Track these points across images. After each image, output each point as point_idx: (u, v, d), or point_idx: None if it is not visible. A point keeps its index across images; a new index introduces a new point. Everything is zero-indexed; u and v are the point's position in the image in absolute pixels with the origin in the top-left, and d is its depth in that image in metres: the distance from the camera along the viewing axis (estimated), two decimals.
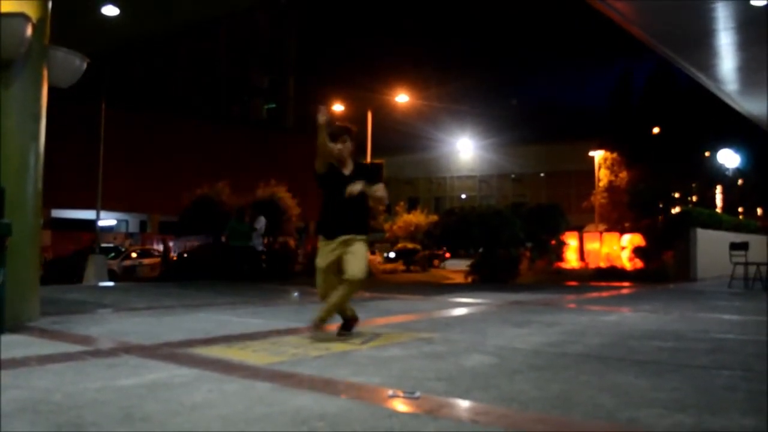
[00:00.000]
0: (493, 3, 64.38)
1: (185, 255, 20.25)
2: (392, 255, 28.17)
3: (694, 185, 34.32)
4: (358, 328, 5.30)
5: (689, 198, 30.82)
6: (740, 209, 38.22)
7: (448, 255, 26.71)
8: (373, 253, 24.97)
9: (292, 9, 52.16)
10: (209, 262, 16.30)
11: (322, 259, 5.01)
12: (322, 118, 5.01)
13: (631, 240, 18.73)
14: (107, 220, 35.10)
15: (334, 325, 5.17)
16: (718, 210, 31.08)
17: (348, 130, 5.22)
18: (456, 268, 23.70)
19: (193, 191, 17.37)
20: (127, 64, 38.33)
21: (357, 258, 4.90)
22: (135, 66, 42.10)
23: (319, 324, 5.01)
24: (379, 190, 5.09)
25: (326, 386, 3.39)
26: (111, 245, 26.87)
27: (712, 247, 15.88)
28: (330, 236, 5.02)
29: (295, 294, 10.63)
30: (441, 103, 50.92)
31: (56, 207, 30.47)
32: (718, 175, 37.52)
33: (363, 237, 5.03)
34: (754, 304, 9.02)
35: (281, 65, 52.99)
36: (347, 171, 5.14)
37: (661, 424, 2.64)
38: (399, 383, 3.35)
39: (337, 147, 5.12)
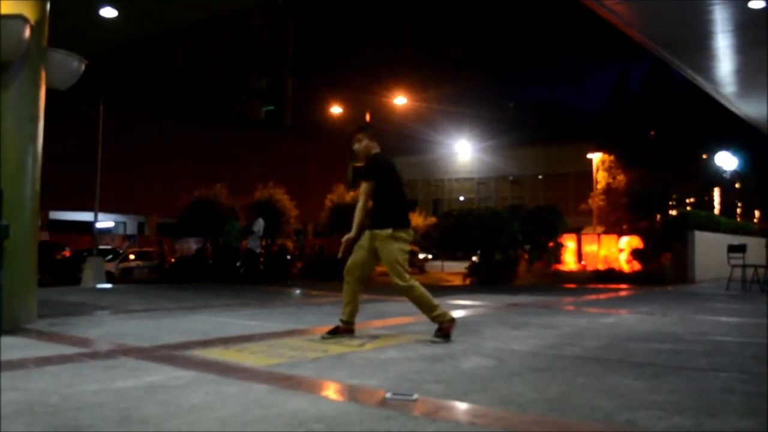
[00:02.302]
0: (490, 6, 64.46)
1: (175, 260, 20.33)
2: None
3: (692, 188, 34.34)
4: (357, 330, 5.29)
5: (687, 200, 30.85)
6: (738, 211, 38.26)
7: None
8: None
9: (290, 10, 52.18)
10: (206, 265, 16.33)
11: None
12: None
13: (629, 242, 18.74)
14: (105, 222, 35.07)
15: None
16: (716, 212, 31.11)
17: (359, 131, 5.41)
18: (450, 270, 23.74)
19: (192, 193, 17.38)
20: (125, 66, 38.37)
21: (387, 266, 5.09)
22: (133, 68, 42.14)
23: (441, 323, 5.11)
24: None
25: (324, 388, 3.39)
26: (109, 247, 26.83)
27: (710, 249, 15.90)
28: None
29: (297, 292, 10.63)
30: (439, 106, 50.98)
31: (54, 209, 30.45)
32: (716, 177, 37.55)
33: (384, 232, 5.03)
34: (751, 306, 9.03)
35: (280, 67, 53.00)
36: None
37: (658, 426, 2.64)
38: (397, 385, 3.34)
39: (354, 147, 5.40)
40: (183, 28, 31.11)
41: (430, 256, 28.37)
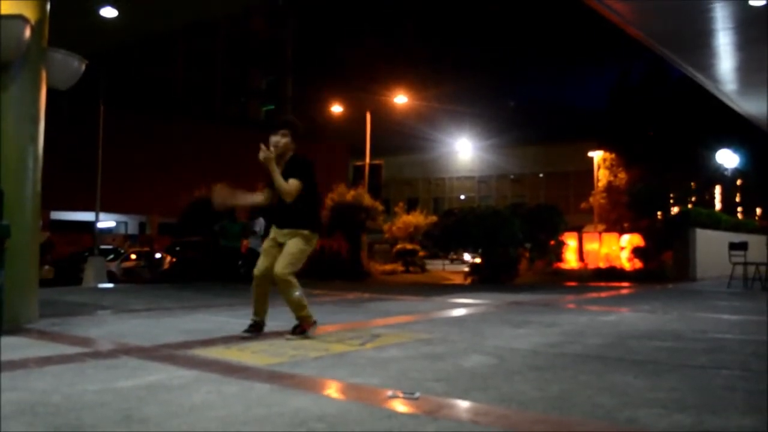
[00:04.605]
0: (491, 4, 64.40)
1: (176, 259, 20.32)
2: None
3: (693, 185, 34.31)
4: (359, 329, 5.30)
5: (688, 198, 30.83)
6: (739, 209, 38.25)
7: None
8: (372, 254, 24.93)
9: (290, 10, 52.16)
10: (206, 264, 16.34)
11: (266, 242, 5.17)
12: (261, 155, 4.92)
13: (630, 240, 18.73)
14: (106, 221, 35.09)
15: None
16: (717, 210, 31.08)
17: (288, 125, 5.16)
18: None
19: (192, 193, 17.38)
20: (125, 66, 38.37)
21: (285, 255, 4.96)
22: (133, 67, 42.14)
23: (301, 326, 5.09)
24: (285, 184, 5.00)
25: (325, 387, 3.39)
26: (110, 247, 26.85)
27: (711, 247, 15.89)
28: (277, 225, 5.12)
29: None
30: (440, 104, 50.97)
31: (55, 209, 30.46)
32: (717, 175, 37.53)
33: (300, 232, 5.02)
34: (753, 303, 9.03)
35: (279, 66, 53.00)
36: (282, 164, 5.08)
37: (660, 424, 2.63)
38: (398, 384, 3.35)
39: (274, 138, 5.05)
40: (183, 27, 31.10)
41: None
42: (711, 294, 10.93)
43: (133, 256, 24.51)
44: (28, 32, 5.69)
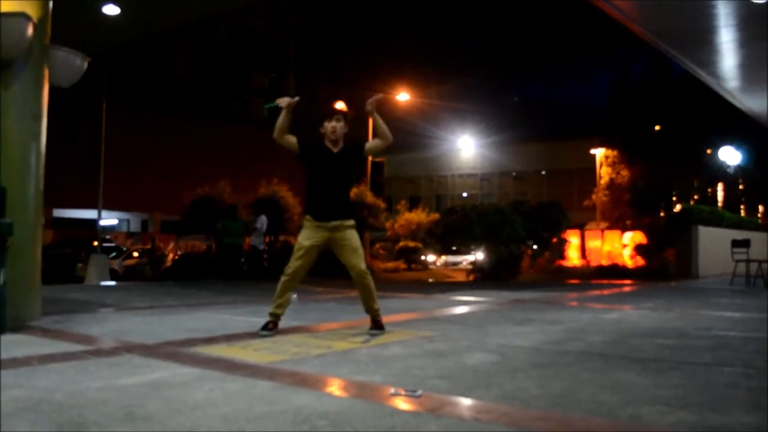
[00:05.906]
0: (493, 2, 64.36)
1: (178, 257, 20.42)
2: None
3: (695, 183, 34.26)
4: (361, 327, 5.31)
5: (691, 195, 30.77)
6: (742, 206, 38.16)
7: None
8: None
9: (292, 7, 52.13)
10: (209, 262, 16.38)
11: (308, 240, 5.14)
12: (284, 102, 5.32)
13: (632, 238, 18.72)
14: (109, 219, 35.15)
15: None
16: (720, 207, 31.02)
17: (343, 112, 5.42)
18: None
19: (194, 190, 17.41)
20: (127, 63, 38.37)
21: (356, 249, 5.10)
22: (135, 65, 42.13)
23: (378, 319, 5.22)
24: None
25: (328, 384, 3.40)
26: (112, 244, 26.91)
27: (713, 244, 15.87)
28: (318, 218, 5.13)
29: (294, 296, 10.62)
30: (442, 102, 50.87)
31: (58, 206, 30.53)
32: (720, 172, 37.44)
33: (351, 222, 5.17)
34: (755, 301, 9.02)
35: (282, 64, 52.97)
36: (336, 149, 5.24)
37: (663, 422, 2.63)
38: (400, 381, 3.35)
39: (331, 125, 5.23)
40: (185, 25, 31.05)
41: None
42: (713, 291, 10.92)
43: (136, 254, 24.56)
44: (30, 30, 5.69)
